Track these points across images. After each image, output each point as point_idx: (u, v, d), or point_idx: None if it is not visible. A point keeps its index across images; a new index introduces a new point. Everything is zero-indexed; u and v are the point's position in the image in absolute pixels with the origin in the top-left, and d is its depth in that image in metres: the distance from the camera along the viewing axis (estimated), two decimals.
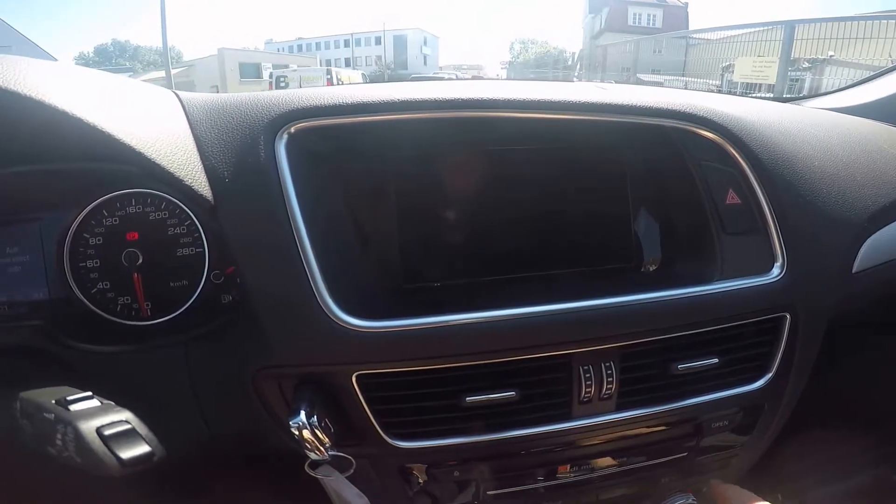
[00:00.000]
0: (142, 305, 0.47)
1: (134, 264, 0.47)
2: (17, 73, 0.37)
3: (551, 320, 0.46)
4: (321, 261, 0.43)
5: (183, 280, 0.47)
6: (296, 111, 0.46)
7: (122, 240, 0.47)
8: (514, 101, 0.49)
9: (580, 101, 0.51)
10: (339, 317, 0.43)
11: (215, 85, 16.61)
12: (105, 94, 0.44)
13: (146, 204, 0.47)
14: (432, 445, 0.48)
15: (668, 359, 0.51)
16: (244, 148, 0.45)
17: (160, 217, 0.47)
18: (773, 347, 0.55)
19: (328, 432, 0.42)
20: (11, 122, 0.38)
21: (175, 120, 0.47)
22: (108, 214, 0.47)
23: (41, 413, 0.35)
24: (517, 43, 35.27)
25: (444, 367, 0.46)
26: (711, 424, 0.56)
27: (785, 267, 0.52)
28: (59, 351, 0.46)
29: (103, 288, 0.47)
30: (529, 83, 0.61)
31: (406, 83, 0.55)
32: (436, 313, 0.45)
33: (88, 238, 0.47)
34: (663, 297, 0.49)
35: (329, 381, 0.45)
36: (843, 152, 0.61)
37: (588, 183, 0.59)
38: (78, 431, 0.33)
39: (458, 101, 0.48)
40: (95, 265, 0.47)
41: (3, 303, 0.46)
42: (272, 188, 0.43)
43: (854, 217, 0.57)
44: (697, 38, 6.51)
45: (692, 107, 0.53)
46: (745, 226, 0.54)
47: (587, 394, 0.49)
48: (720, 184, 0.55)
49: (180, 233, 0.47)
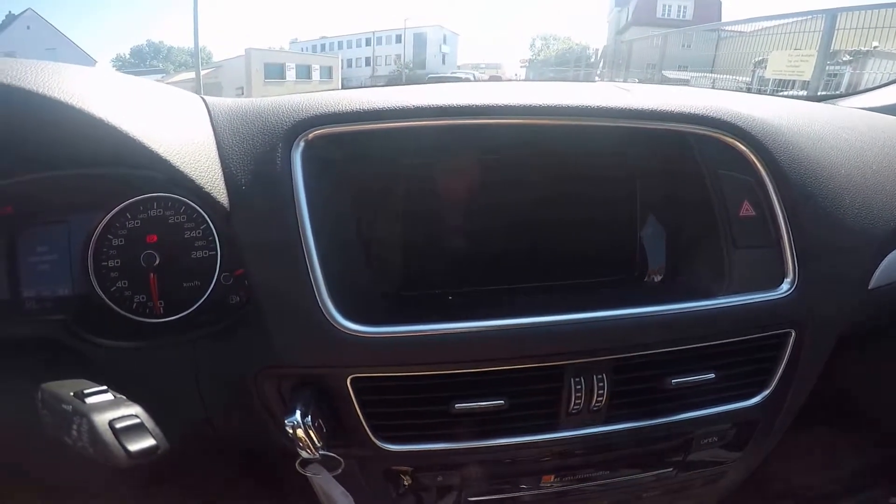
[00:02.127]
0: (156, 304, 0.50)
1: (151, 265, 0.49)
2: (59, 80, 0.38)
3: (544, 332, 0.46)
4: (325, 267, 0.44)
5: (195, 281, 0.50)
6: (315, 118, 0.46)
7: (142, 241, 0.49)
8: (526, 108, 0.48)
9: (592, 107, 0.49)
10: (337, 321, 0.44)
11: (241, 87, 17.11)
12: (138, 101, 0.45)
13: (167, 207, 0.50)
14: (419, 450, 0.49)
15: (662, 373, 0.50)
16: (262, 156, 0.46)
17: (178, 221, 0.49)
18: (775, 363, 0.53)
19: (320, 432, 0.43)
20: (52, 128, 0.39)
21: (201, 126, 0.48)
22: (132, 217, 0.49)
23: (60, 404, 0.37)
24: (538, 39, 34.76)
25: (435, 374, 0.46)
26: (701, 440, 0.54)
27: (795, 282, 0.49)
28: (79, 345, 0.48)
29: (122, 286, 0.50)
30: (543, 85, 0.60)
31: (419, 87, 0.55)
32: (432, 321, 0.45)
33: (112, 239, 0.49)
34: (662, 312, 0.47)
35: (325, 382, 0.46)
36: (874, 158, 0.58)
37: (596, 191, 0.57)
38: (92, 423, 0.35)
39: (471, 108, 0.47)
40: (116, 265, 0.49)
41: (33, 298, 0.49)
42: (285, 197, 0.44)
43: (876, 230, 0.54)
44: (730, 31, 6.25)
45: (716, 110, 0.50)
46: (757, 240, 0.52)
47: (576, 405, 0.48)
48: (736, 194, 0.52)
49: (196, 236, 0.50)
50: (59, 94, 0.37)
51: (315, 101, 0.48)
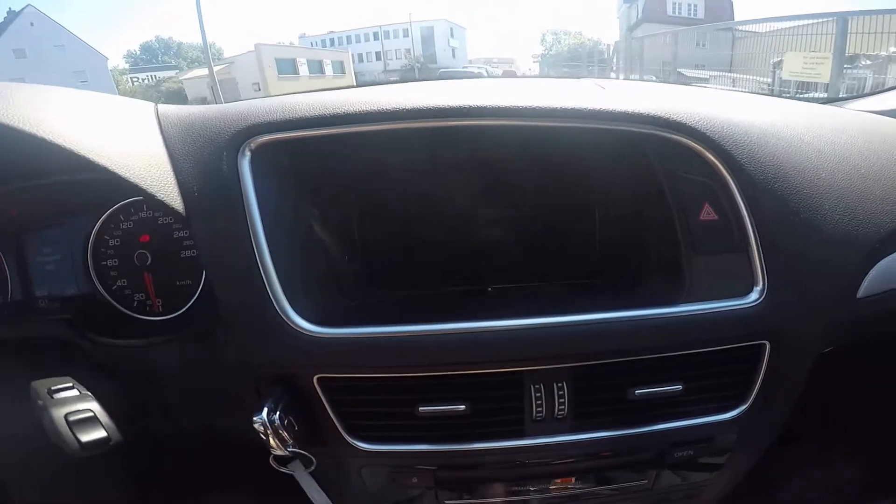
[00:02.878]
0: (153, 302, 0.53)
1: (144, 264, 0.52)
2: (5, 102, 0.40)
3: (500, 337, 0.46)
4: (281, 271, 0.45)
5: (187, 279, 0.52)
6: (255, 126, 0.47)
7: (136, 242, 0.52)
8: (471, 109, 0.47)
9: (537, 108, 0.47)
10: (296, 323, 0.45)
11: (257, 82, 16.98)
12: (86, 115, 0.47)
13: (156, 209, 0.53)
14: (392, 450, 0.50)
15: (624, 382, 0.49)
16: (210, 164, 0.47)
17: (167, 221, 0.53)
18: (752, 376, 0.51)
19: (291, 430, 0.45)
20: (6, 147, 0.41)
21: (150, 137, 0.49)
22: (125, 219, 0.53)
23: (38, 399, 0.42)
24: (549, 34, 34.41)
25: (398, 377, 0.47)
26: (675, 453, 0.52)
27: (765, 291, 0.47)
28: (84, 343, 0.51)
29: (122, 285, 0.53)
30: (510, 82, 0.60)
31: (371, 88, 0.56)
32: (389, 323, 0.46)
33: (108, 240, 0.53)
34: (619, 318, 0.46)
35: (295, 382, 0.48)
36: (864, 162, 0.55)
37: (554, 194, 0.56)
38: (51, 416, 0.41)
39: (416, 111, 0.47)
40: (115, 264, 0.53)
41: (44, 297, 0.53)
42: (235, 204, 0.45)
43: (863, 236, 0.51)
44: (744, 31, 6.20)
45: (667, 111, 0.48)
46: (720, 245, 0.50)
47: (538, 413, 0.48)
48: (695, 197, 0.50)
49: (184, 236, 0.52)
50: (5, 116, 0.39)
51: (260, 107, 0.49)
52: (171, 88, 20.11)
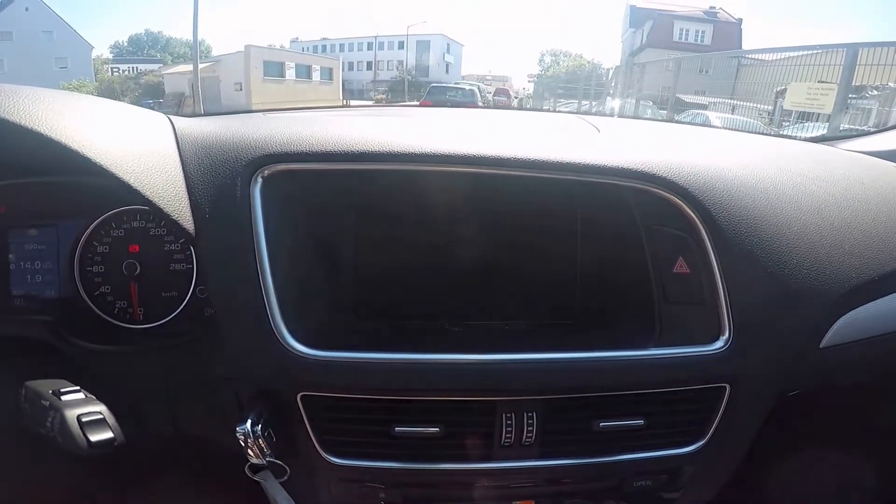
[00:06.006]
0: (135, 311, 0.57)
1: (132, 274, 0.56)
2: (17, 102, 0.42)
3: (478, 370, 0.50)
4: (281, 294, 0.48)
5: (173, 291, 0.57)
6: (273, 156, 0.50)
7: (125, 251, 0.56)
8: (465, 157, 0.51)
9: (527, 159, 0.51)
10: (289, 343, 0.48)
11: (239, 82, 16.92)
12: (103, 120, 0.48)
13: (148, 220, 0.57)
14: (364, 466, 0.52)
15: (591, 415, 0.52)
16: (224, 188, 0.49)
17: (158, 233, 0.57)
18: (710, 415, 0.55)
19: (270, 441, 0.47)
20: (9, 144, 0.44)
21: (167, 151, 0.50)
22: (116, 227, 0.57)
23: (39, 400, 0.45)
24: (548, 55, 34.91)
25: (379, 399, 0.50)
26: (633, 483, 0.56)
27: (731, 340, 0.51)
28: (62, 346, 0.53)
29: (105, 291, 0.57)
30: (504, 118, 0.71)
31: (383, 121, 0.64)
32: (376, 350, 0.49)
33: (97, 246, 0.57)
34: (590, 358, 0.50)
35: (278, 397, 0.50)
36: (838, 213, 0.58)
37: (539, 238, 0.60)
38: (63, 416, 0.44)
39: (423, 156, 0.50)
40: (100, 270, 0.56)
41: (21, 296, 0.56)
42: (244, 229, 0.48)
43: (829, 290, 0.54)
44: (751, 59, 6.13)
45: (650, 164, 0.52)
46: (690, 297, 0.53)
47: (507, 439, 0.51)
48: (670, 250, 0.54)
49: (175, 249, 0.57)
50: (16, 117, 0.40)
51: (277, 135, 0.51)
52: (150, 81, 19.74)
